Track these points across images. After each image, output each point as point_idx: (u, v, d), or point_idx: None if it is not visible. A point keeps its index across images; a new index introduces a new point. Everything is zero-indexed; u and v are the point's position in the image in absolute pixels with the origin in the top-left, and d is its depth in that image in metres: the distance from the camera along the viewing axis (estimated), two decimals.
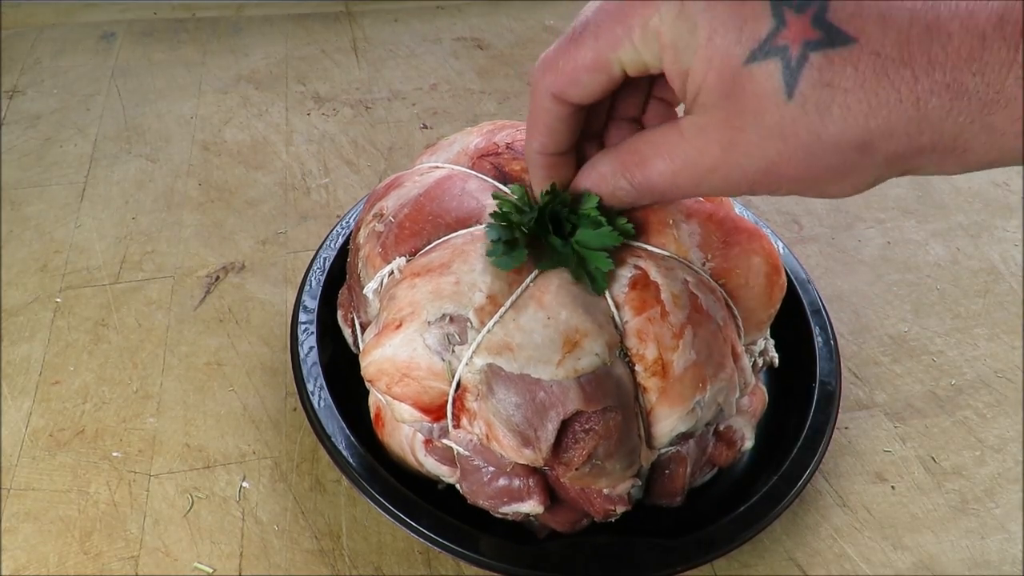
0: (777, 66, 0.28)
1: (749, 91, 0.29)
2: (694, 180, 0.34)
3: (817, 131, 0.29)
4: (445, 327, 0.39)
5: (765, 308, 0.45)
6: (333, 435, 0.46)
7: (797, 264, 0.56)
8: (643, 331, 0.39)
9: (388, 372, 0.41)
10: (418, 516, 0.42)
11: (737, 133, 0.31)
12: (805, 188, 0.32)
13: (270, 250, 0.64)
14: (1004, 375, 0.58)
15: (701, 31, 0.30)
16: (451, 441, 0.42)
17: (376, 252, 0.45)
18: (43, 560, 0.46)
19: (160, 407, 0.54)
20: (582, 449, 0.38)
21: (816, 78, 0.28)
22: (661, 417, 0.40)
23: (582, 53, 0.34)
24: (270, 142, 0.75)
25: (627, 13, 0.32)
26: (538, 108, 0.37)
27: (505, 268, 0.40)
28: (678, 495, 0.44)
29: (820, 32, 0.28)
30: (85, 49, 0.86)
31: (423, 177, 0.47)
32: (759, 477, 0.47)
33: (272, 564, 0.46)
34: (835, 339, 0.53)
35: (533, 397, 0.38)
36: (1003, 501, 0.51)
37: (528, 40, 0.90)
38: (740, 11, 0.29)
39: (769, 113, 0.29)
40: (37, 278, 0.61)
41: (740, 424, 0.46)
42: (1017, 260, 0.66)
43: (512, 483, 0.42)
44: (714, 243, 0.43)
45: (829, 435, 0.48)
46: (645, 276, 0.41)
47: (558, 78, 0.35)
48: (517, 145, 0.48)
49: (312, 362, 0.49)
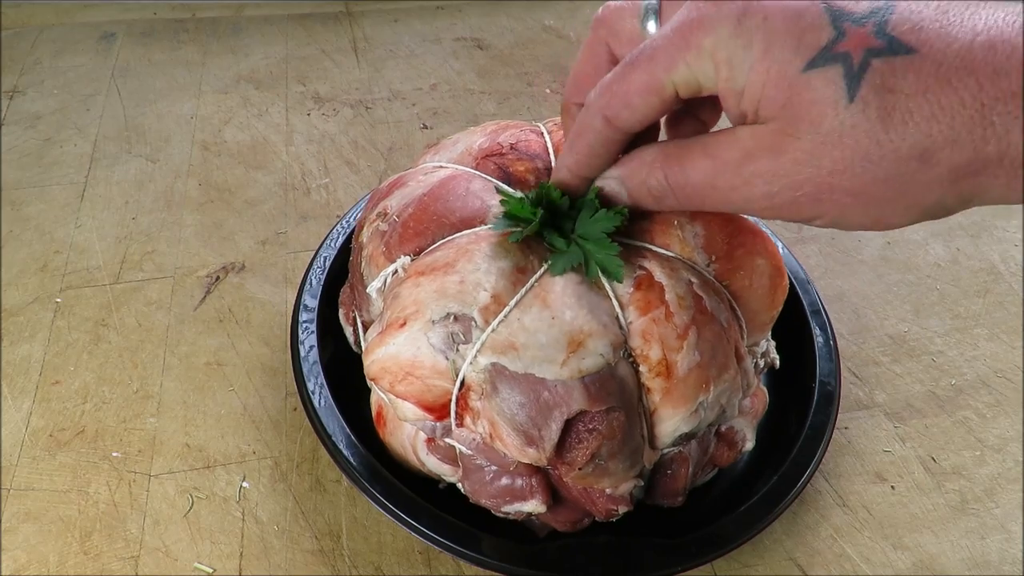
0: (838, 71, 0.28)
1: (806, 98, 0.29)
2: (733, 184, 0.33)
3: (877, 136, 0.28)
4: (449, 326, 0.39)
5: (768, 310, 0.45)
6: (334, 434, 0.46)
7: (797, 264, 0.56)
8: (648, 332, 0.39)
9: (391, 370, 0.41)
10: (419, 515, 0.42)
11: (790, 140, 0.30)
12: (859, 206, 0.31)
13: (270, 250, 0.64)
14: (1004, 375, 0.58)
15: (757, 45, 0.30)
16: (454, 440, 0.42)
17: (380, 251, 0.45)
18: (43, 560, 0.46)
19: (160, 407, 0.54)
20: (585, 449, 0.38)
21: (878, 83, 0.28)
22: (664, 418, 0.40)
23: (636, 76, 0.34)
24: (270, 142, 0.75)
25: (682, 35, 0.32)
26: (586, 127, 0.37)
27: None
28: (680, 495, 0.44)
29: (882, 41, 0.28)
30: (85, 49, 0.86)
31: (427, 176, 0.47)
32: (759, 477, 0.47)
33: (272, 564, 0.46)
34: (835, 339, 0.53)
35: (537, 396, 0.38)
36: (1003, 501, 0.51)
37: (528, 40, 0.90)
38: (797, 23, 0.29)
39: (827, 119, 0.29)
40: (37, 278, 0.62)
41: (741, 425, 0.46)
42: (1017, 260, 0.66)
43: (515, 482, 0.42)
44: (718, 244, 0.43)
45: (829, 435, 0.48)
46: (650, 276, 0.41)
47: (612, 100, 0.35)
48: (521, 146, 0.48)
49: (312, 361, 0.49)
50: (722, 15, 0.31)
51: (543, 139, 0.49)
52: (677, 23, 0.32)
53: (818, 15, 0.29)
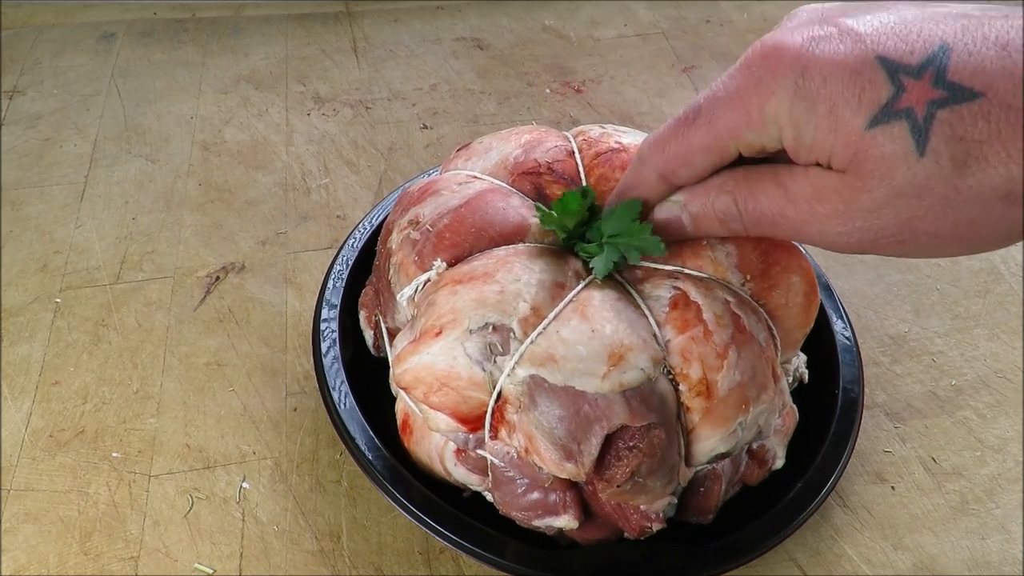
0: (903, 127, 0.29)
1: (873, 155, 0.29)
2: (804, 218, 0.33)
3: (955, 184, 0.29)
4: (487, 336, 0.39)
5: (802, 327, 0.44)
6: (356, 438, 0.45)
7: (819, 269, 0.56)
8: (687, 350, 0.39)
9: (426, 380, 0.40)
10: (443, 520, 0.42)
11: (862, 192, 0.31)
12: (945, 244, 0.31)
13: (270, 250, 0.64)
14: (1004, 375, 0.58)
15: (820, 106, 0.30)
16: (486, 452, 0.41)
17: (411, 259, 0.44)
18: (43, 561, 0.46)
19: (160, 407, 0.53)
20: (626, 466, 0.38)
21: (948, 133, 0.28)
22: (703, 437, 0.39)
23: (697, 137, 0.34)
24: (270, 142, 0.75)
25: (742, 99, 0.32)
26: (639, 181, 0.38)
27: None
28: (711, 513, 0.43)
29: (943, 91, 0.28)
30: (85, 49, 0.86)
31: (462, 187, 0.47)
32: (782, 483, 0.46)
33: (272, 565, 0.46)
34: (857, 346, 0.52)
35: (577, 410, 0.37)
36: (1003, 501, 0.51)
37: (528, 40, 0.90)
38: (856, 81, 0.29)
39: (899, 173, 0.29)
40: (37, 278, 0.61)
41: (773, 443, 0.45)
42: (1017, 260, 0.66)
43: (548, 497, 0.41)
44: (752, 263, 0.43)
45: (852, 443, 0.47)
46: (685, 296, 0.40)
47: (669, 161, 0.36)
48: (557, 166, 0.47)
49: (333, 365, 0.48)
50: (780, 77, 0.31)
51: (574, 159, 0.48)
52: (734, 84, 0.32)
53: (875, 71, 0.29)
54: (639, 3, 0.96)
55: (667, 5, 0.95)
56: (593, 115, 0.80)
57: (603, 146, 0.48)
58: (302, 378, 0.55)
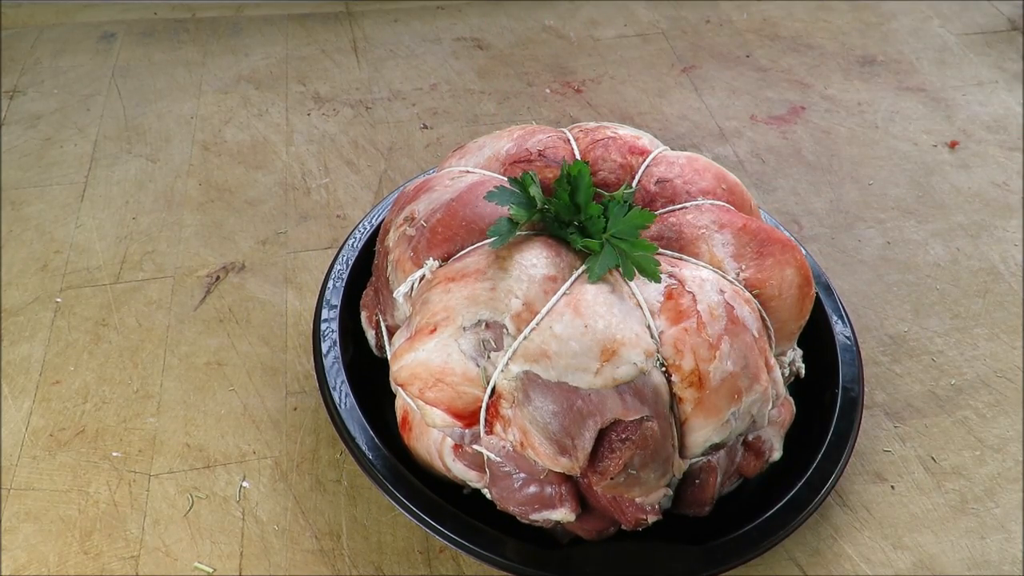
0: None
1: None
2: None
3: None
4: (481, 333, 0.39)
5: (796, 319, 0.45)
6: (357, 438, 0.45)
7: (819, 269, 0.56)
8: (680, 341, 0.39)
9: (421, 377, 0.40)
10: (443, 519, 0.42)
11: None
12: None
13: (270, 250, 0.64)
14: (1004, 375, 0.58)
15: None
16: (482, 447, 0.41)
17: (407, 256, 0.44)
18: (43, 560, 0.46)
19: (160, 407, 0.54)
20: (619, 459, 0.38)
21: None
22: (696, 428, 0.40)
23: None
24: (270, 142, 0.75)
25: None
26: None
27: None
28: (707, 505, 0.44)
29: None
30: (85, 49, 0.86)
31: (454, 182, 0.47)
32: (781, 483, 0.46)
33: (272, 564, 0.46)
34: (857, 346, 0.52)
35: (571, 405, 0.38)
36: (1003, 501, 0.51)
37: (528, 40, 0.90)
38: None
39: None
40: (37, 278, 0.62)
41: (769, 435, 0.45)
42: (1017, 260, 0.66)
43: (544, 490, 0.41)
44: (748, 254, 0.43)
45: (852, 442, 0.47)
46: (681, 286, 0.40)
47: None
48: (549, 153, 0.48)
49: (334, 365, 0.48)
50: None
51: (570, 146, 0.49)
52: None
53: None
54: (639, 3, 0.96)
55: (667, 5, 0.96)
56: (593, 115, 0.81)
57: (600, 134, 0.49)
58: (302, 377, 0.55)
